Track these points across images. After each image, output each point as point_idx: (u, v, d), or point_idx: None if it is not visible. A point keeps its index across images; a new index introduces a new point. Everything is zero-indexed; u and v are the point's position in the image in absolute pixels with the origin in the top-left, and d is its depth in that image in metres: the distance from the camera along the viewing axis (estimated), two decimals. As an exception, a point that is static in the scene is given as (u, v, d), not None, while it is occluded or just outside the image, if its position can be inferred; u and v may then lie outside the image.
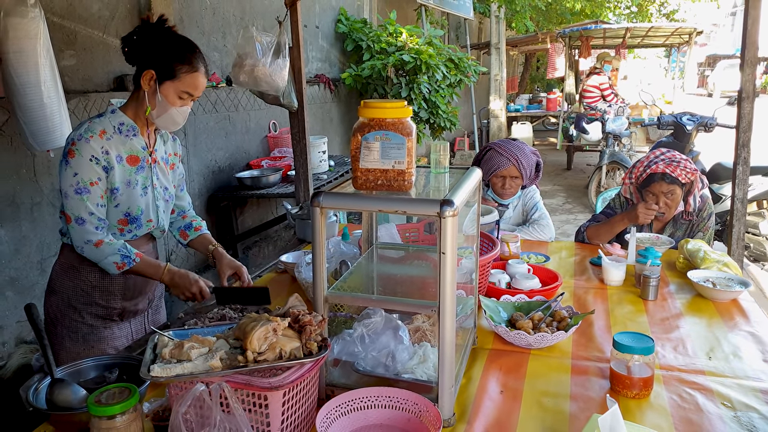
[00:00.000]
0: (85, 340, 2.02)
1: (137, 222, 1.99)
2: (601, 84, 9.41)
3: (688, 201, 2.67)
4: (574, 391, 1.54)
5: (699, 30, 10.22)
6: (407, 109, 1.35)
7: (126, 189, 1.93)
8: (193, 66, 1.88)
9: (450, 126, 6.70)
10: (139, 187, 1.96)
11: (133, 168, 1.95)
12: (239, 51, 2.83)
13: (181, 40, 1.92)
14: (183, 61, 1.86)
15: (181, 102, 1.91)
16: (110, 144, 1.88)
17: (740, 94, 2.65)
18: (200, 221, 2.27)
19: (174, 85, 1.87)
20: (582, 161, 10.60)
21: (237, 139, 4.63)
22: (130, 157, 1.94)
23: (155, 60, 1.86)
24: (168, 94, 1.88)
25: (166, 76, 1.86)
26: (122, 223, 1.97)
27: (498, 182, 2.91)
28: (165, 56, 1.86)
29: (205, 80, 1.93)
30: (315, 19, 5.88)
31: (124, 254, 1.90)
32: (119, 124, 1.92)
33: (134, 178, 1.95)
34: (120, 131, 1.92)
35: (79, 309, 2.01)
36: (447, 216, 1.25)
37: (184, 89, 1.88)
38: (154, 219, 2.05)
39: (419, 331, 1.64)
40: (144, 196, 1.99)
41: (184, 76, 1.87)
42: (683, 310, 2.06)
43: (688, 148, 6.22)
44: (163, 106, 1.89)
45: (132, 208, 1.96)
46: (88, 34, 3.31)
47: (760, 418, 1.40)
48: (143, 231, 2.04)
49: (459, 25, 11.36)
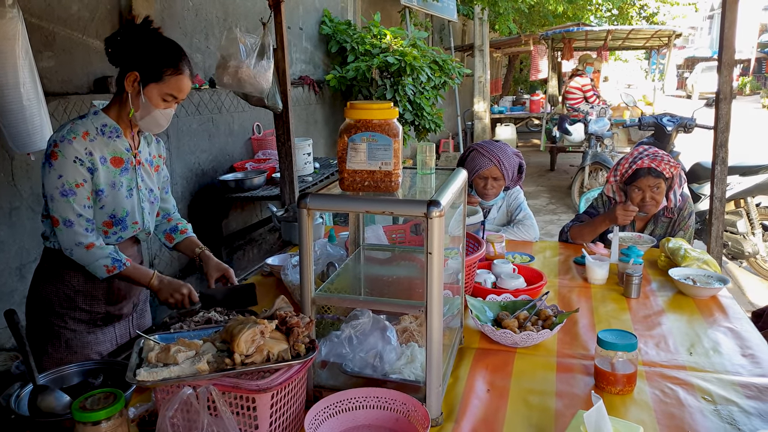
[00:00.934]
0: (68, 346, 1.99)
1: (122, 224, 1.97)
2: (583, 86, 9.51)
3: (669, 197, 2.71)
4: (560, 389, 1.56)
5: (678, 32, 10.39)
6: (393, 110, 1.36)
7: (111, 191, 1.91)
8: (177, 68, 1.87)
9: (435, 128, 6.72)
10: (124, 188, 1.95)
11: (117, 170, 1.93)
12: (223, 52, 2.82)
13: (165, 42, 1.91)
14: (167, 63, 1.85)
15: (165, 104, 1.90)
16: (93, 145, 1.86)
17: (718, 96, 2.70)
18: (186, 224, 2.26)
19: (158, 87, 1.86)
20: (565, 162, 10.70)
21: (220, 141, 4.61)
22: (114, 159, 1.92)
23: (139, 62, 1.85)
24: (152, 96, 1.86)
25: (150, 78, 1.85)
26: (107, 225, 1.95)
27: (480, 183, 2.92)
28: (149, 58, 1.85)
29: (189, 83, 1.91)
30: (299, 20, 5.87)
31: (115, 258, 1.89)
32: (102, 125, 1.90)
33: (119, 180, 1.93)
34: (103, 133, 1.90)
35: (62, 314, 1.99)
36: (434, 216, 1.25)
37: (168, 91, 1.87)
38: (140, 221, 2.04)
39: (407, 331, 1.64)
40: (129, 197, 1.97)
41: (169, 78, 1.86)
42: (665, 308, 2.10)
43: (668, 148, 6.32)
44: (146, 108, 1.88)
45: (117, 210, 1.94)
46: (68, 35, 3.27)
47: (740, 411, 1.43)
48: (129, 233, 2.02)
49: (443, 27, 11.40)
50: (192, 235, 2.23)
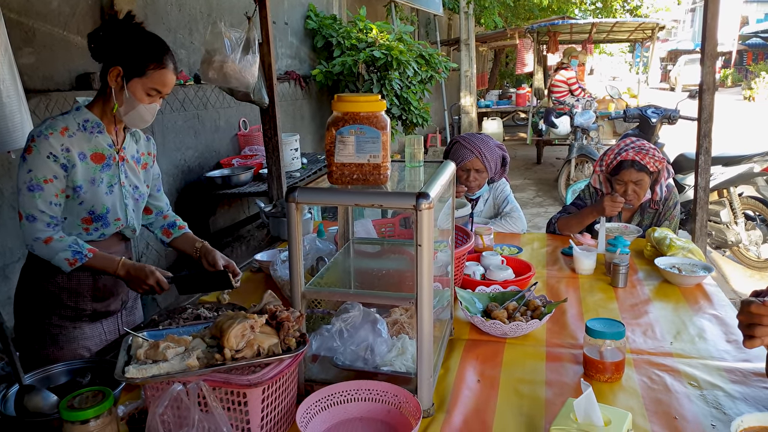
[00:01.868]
0: (54, 342, 1.98)
1: (103, 220, 1.96)
2: (568, 79, 9.57)
3: (655, 190, 2.74)
4: (550, 378, 1.57)
5: (661, 25, 10.48)
6: (381, 103, 1.36)
7: (90, 187, 1.90)
8: (161, 62, 1.86)
9: (422, 122, 6.72)
10: (104, 185, 1.93)
11: (98, 166, 1.92)
12: (207, 47, 2.79)
13: (149, 36, 1.90)
14: (151, 57, 1.84)
15: (149, 99, 1.88)
16: (72, 141, 1.85)
17: (701, 87, 2.73)
18: (182, 221, 2.27)
19: (142, 82, 1.85)
20: (551, 155, 10.75)
21: (206, 137, 4.57)
22: (94, 155, 1.91)
23: (122, 57, 1.84)
24: (135, 90, 1.85)
25: (134, 73, 1.84)
26: (86, 221, 1.94)
27: (463, 175, 2.93)
28: (132, 53, 1.84)
29: (173, 77, 1.90)
30: (284, 15, 5.83)
31: (75, 250, 1.85)
32: (84, 121, 1.89)
33: (99, 176, 1.92)
34: (84, 128, 1.89)
35: (47, 312, 1.98)
36: (423, 209, 1.26)
37: (152, 86, 1.86)
38: (123, 218, 2.02)
39: (397, 323, 1.65)
40: (110, 194, 1.96)
41: (152, 73, 1.85)
42: (651, 296, 2.12)
43: (653, 139, 6.38)
44: (130, 103, 1.87)
45: (96, 207, 1.93)
46: (48, 31, 3.22)
47: (725, 396, 1.46)
48: (111, 230, 2.00)
49: (429, 21, 11.40)
50: (189, 231, 2.25)
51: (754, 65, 24.55)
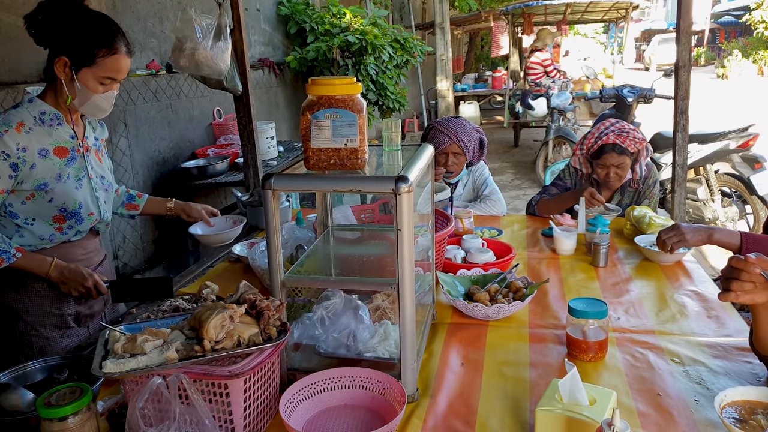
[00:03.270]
0: (41, 353, 1.86)
1: (77, 217, 1.86)
2: (543, 60, 9.59)
3: (634, 169, 2.75)
4: (533, 359, 1.57)
5: (635, 4, 10.52)
6: (357, 86, 1.33)
7: (57, 183, 1.78)
8: (111, 48, 1.69)
9: (399, 107, 6.68)
10: (72, 180, 1.82)
11: (63, 160, 1.80)
12: (178, 34, 2.73)
13: (95, 18, 1.73)
14: (99, 43, 1.68)
15: (103, 88, 1.74)
16: (30, 137, 1.71)
17: (677, 64, 2.74)
18: (134, 190, 2.23)
19: (92, 71, 1.70)
20: (529, 137, 10.79)
21: (180, 127, 4.49)
22: (57, 149, 1.78)
23: (67, 45, 1.68)
24: (87, 81, 1.71)
25: (82, 62, 1.69)
26: (58, 220, 1.83)
27: (441, 159, 2.92)
28: (78, 40, 1.67)
29: (128, 60, 1.75)
30: (256, 1, 5.73)
31: (3, 249, 1.71)
32: (40, 113, 1.76)
33: (65, 171, 1.80)
34: (42, 121, 1.76)
35: (30, 322, 1.88)
36: (402, 192, 1.24)
37: (104, 74, 1.71)
38: (96, 212, 1.92)
39: (379, 309, 1.63)
40: (79, 189, 1.85)
41: (102, 61, 1.69)
42: (632, 275, 2.14)
43: (629, 119, 6.43)
44: (83, 94, 1.72)
45: (68, 203, 1.82)
46: (12, 22, 3.12)
47: (707, 371, 1.47)
48: (86, 226, 1.91)
49: (402, 5, 11.30)
50: (151, 196, 2.19)
51: (726, 43, 24.85)
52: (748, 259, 1.20)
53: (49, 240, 1.85)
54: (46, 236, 1.83)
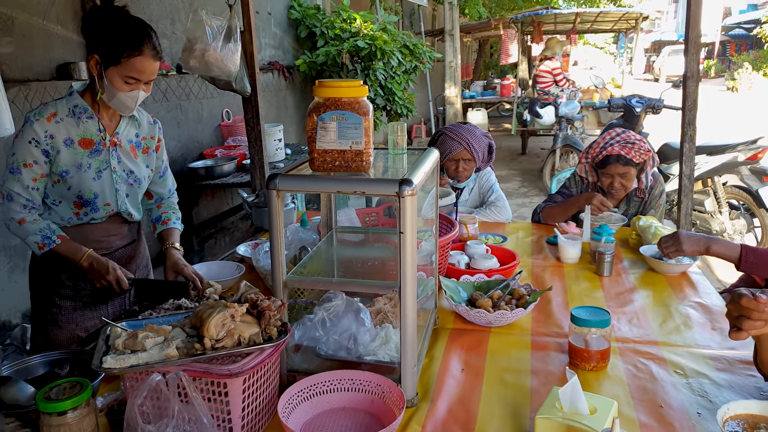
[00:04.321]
0: (53, 321, 2.04)
1: (92, 205, 1.97)
2: (553, 69, 9.58)
3: (640, 178, 2.73)
4: (535, 366, 1.56)
5: (645, 15, 10.52)
6: (363, 89, 1.33)
7: (76, 172, 1.91)
8: (136, 50, 1.82)
9: (407, 113, 6.69)
10: (91, 170, 1.94)
11: (86, 151, 1.93)
12: (188, 35, 2.74)
13: (127, 22, 1.86)
14: (126, 45, 1.81)
15: (129, 87, 1.86)
16: (59, 127, 1.87)
17: (685, 74, 2.73)
18: (172, 213, 2.24)
19: (117, 70, 1.83)
20: (536, 145, 10.78)
21: (189, 128, 4.51)
22: (82, 140, 1.92)
23: (99, 45, 1.83)
24: (113, 79, 1.84)
25: (109, 61, 1.83)
26: (77, 206, 1.96)
27: (452, 166, 2.92)
28: (107, 41, 1.82)
29: (151, 63, 1.86)
30: (267, 5, 5.76)
31: (45, 235, 1.89)
32: (73, 106, 1.91)
33: (86, 162, 1.93)
34: (74, 114, 1.91)
35: (49, 291, 2.02)
36: (406, 195, 1.24)
37: (127, 74, 1.84)
38: (113, 203, 2.02)
39: (381, 313, 1.63)
40: (98, 179, 1.95)
41: (126, 61, 1.82)
42: (637, 284, 2.12)
43: (637, 129, 6.41)
44: (110, 91, 1.86)
45: (83, 191, 1.94)
46: (27, 20, 3.15)
47: (711, 384, 1.46)
48: (101, 214, 2.01)
49: (413, 11, 11.34)
50: (171, 227, 2.20)
51: (737, 56, 24.75)
52: (759, 300, 1.19)
53: (68, 222, 1.99)
54: (66, 218, 1.98)
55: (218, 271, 2.26)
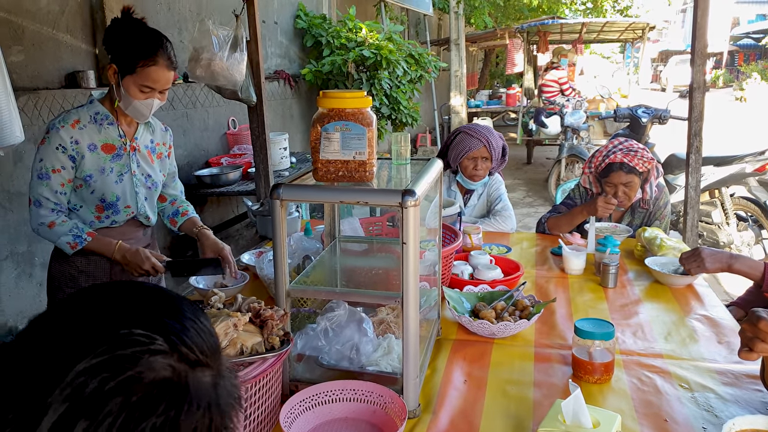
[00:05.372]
0: None
1: (113, 208, 2.05)
2: (559, 78, 9.59)
3: (644, 189, 2.72)
4: (538, 378, 1.56)
5: (652, 25, 10.53)
6: (367, 99, 1.34)
7: (100, 176, 1.99)
8: (150, 59, 1.89)
9: (412, 122, 6.70)
10: (113, 174, 2.02)
11: (108, 156, 2.01)
12: (195, 45, 2.77)
13: (143, 33, 1.93)
14: (140, 55, 1.88)
15: (144, 95, 1.93)
16: (83, 133, 1.95)
17: (692, 85, 2.73)
18: (187, 206, 2.33)
19: (133, 79, 1.90)
20: (542, 155, 10.76)
21: (195, 136, 4.53)
22: (105, 146, 2.00)
23: (116, 55, 1.91)
24: (129, 87, 1.91)
25: (125, 70, 1.91)
26: (99, 209, 2.04)
27: (470, 164, 2.94)
28: (123, 51, 1.90)
29: (165, 72, 1.93)
30: (273, 14, 5.80)
31: (76, 234, 1.96)
32: (95, 113, 1.99)
33: (108, 166, 2.01)
34: (95, 120, 1.99)
35: (66, 293, 2.05)
36: (409, 206, 1.24)
37: (142, 82, 1.91)
38: (133, 205, 2.09)
39: (383, 323, 1.62)
40: (119, 183, 2.04)
41: (141, 70, 1.89)
42: (642, 297, 2.11)
43: (643, 140, 6.38)
44: (126, 99, 1.93)
45: (106, 194, 2.02)
46: (37, 30, 3.18)
47: (717, 398, 1.44)
48: (122, 217, 2.08)
49: (419, 21, 11.38)
50: (193, 216, 2.30)
51: (745, 66, 24.69)
52: None
53: (89, 225, 2.05)
54: (87, 222, 2.05)
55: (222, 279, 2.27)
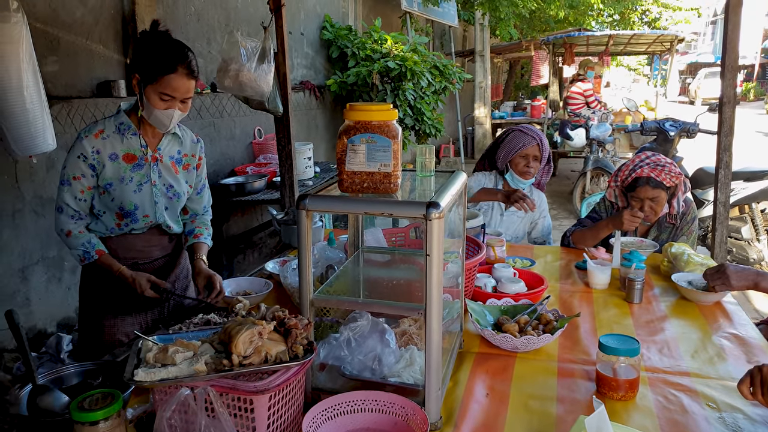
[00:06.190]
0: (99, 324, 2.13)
1: (132, 216, 2.07)
2: (585, 90, 9.50)
3: (672, 204, 2.68)
4: (561, 394, 1.54)
5: (680, 37, 10.39)
6: (393, 112, 1.35)
7: (119, 185, 2.03)
8: (168, 67, 1.91)
9: (435, 133, 6.72)
10: (133, 183, 2.05)
11: (129, 165, 2.04)
12: (224, 56, 2.83)
13: (166, 44, 1.96)
14: (158, 63, 1.92)
15: (164, 104, 1.96)
16: (105, 143, 1.99)
17: (721, 99, 2.69)
18: (204, 229, 2.33)
19: (154, 87, 1.93)
20: (566, 168, 10.68)
21: (222, 145, 4.61)
22: (126, 155, 2.04)
23: (139, 65, 1.95)
24: (150, 96, 1.95)
25: (147, 80, 1.95)
26: (119, 217, 2.07)
27: (521, 162, 3.00)
28: (146, 61, 1.93)
29: (184, 81, 1.95)
30: (300, 26, 5.88)
31: (86, 249, 2.02)
32: (119, 123, 2.04)
33: (128, 175, 2.04)
34: (119, 130, 2.03)
35: (93, 297, 2.15)
36: (433, 218, 1.25)
37: (161, 91, 1.94)
38: (152, 215, 2.12)
39: (406, 334, 1.63)
40: (138, 192, 2.06)
41: (162, 79, 1.92)
42: (668, 313, 2.08)
43: (671, 153, 6.29)
44: (148, 108, 1.96)
45: (125, 203, 2.05)
46: (72, 40, 3.28)
47: (745, 419, 1.42)
48: (140, 225, 2.11)
49: (444, 32, 11.42)
50: (201, 242, 2.29)
51: (776, 79, 24.24)
52: None
53: (111, 231, 2.10)
54: (109, 227, 2.10)
55: (246, 287, 2.31)
